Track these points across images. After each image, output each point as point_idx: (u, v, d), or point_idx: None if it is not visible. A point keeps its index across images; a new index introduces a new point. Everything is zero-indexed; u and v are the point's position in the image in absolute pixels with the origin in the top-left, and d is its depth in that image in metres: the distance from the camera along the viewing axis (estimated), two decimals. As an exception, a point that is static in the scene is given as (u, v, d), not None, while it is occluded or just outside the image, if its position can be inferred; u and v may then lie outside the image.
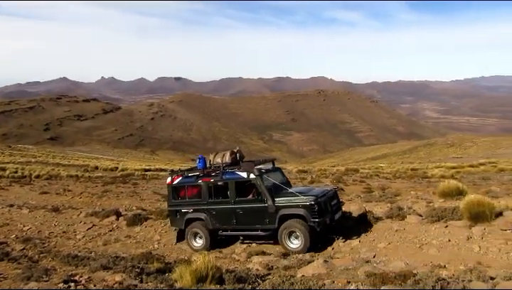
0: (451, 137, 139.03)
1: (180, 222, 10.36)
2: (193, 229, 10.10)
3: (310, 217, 8.63)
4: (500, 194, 14.76)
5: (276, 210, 8.98)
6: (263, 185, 9.18)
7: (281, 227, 8.93)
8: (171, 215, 10.78)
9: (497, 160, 38.55)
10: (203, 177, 10.03)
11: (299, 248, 8.66)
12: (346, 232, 9.38)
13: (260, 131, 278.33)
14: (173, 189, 10.53)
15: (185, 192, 10.43)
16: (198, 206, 10.11)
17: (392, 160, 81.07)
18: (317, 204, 8.67)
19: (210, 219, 9.87)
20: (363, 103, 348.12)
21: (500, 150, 75.01)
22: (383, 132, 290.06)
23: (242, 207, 9.45)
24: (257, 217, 9.28)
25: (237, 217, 9.53)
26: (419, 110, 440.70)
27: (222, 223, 9.82)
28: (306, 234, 8.59)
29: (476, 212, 8.54)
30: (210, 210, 9.88)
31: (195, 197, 10.23)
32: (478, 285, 5.22)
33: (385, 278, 5.71)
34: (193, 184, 10.25)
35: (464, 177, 24.48)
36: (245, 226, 9.58)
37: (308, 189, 10.31)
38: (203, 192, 9.99)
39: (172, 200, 10.57)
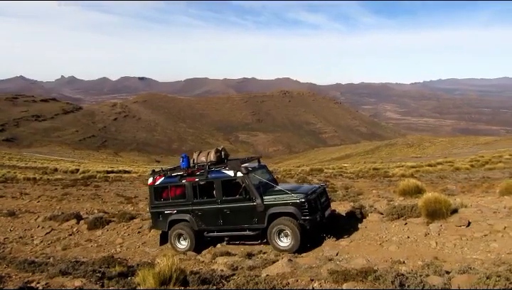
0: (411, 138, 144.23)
1: (164, 224, 10.00)
2: (177, 231, 9.76)
3: (300, 215, 8.48)
4: (455, 192, 15.43)
5: (265, 209, 8.78)
6: (251, 184, 8.95)
7: (270, 225, 8.73)
8: (153, 216, 10.32)
9: (453, 160, 40.27)
10: (187, 176, 9.69)
11: (289, 247, 8.50)
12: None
13: (226, 131, 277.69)
14: (155, 190, 10.12)
15: (168, 193, 10.07)
16: (182, 207, 9.77)
17: (355, 160, 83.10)
18: (307, 201, 8.52)
19: (195, 220, 9.58)
20: (327, 104, 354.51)
21: (456, 150, 78.61)
22: (347, 133, 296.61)
23: (229, 207, 9.20)
24: (245, 216, 9.05)
25: (223, 218, 9.29)
26: (381, 111, 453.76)
27: (208, 224, 9.54)
28: (297, 233, 8.41)
29: (433, 210, 8.90)
30: (196, 211, 9.59)
31: (179, 198, 9.91)
32: (435, 279, 5.43)
33: (347, 276, 5.82)
34: (176, 184, 9.92)
35: (423, 176, 25.38)
36: (233, 226, 9.30)
37: (297, 186, 10.07)
38: (187, 192, 9.67)
39: (154, 201, 10.13)
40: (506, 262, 6.18)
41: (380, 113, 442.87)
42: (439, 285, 5.14)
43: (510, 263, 6.17)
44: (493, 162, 32.78)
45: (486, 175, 22.71)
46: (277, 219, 8.69)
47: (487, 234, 7.82)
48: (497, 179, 19.46)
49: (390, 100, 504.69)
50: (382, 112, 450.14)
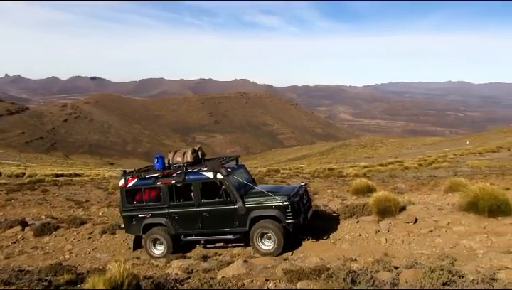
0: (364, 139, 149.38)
1: (137, 228, 9.50)
2: (152, 236, 9.29)
3: (284, 218, 8.27)
4: (404, 190, 16.10)
5: (247, 212, 8.51)
6: (232, 186, 8.64)
7: (252, 228, 8.47)
8: (125, 220, 9.73)
9: (403, 160, 42.08)
10: (163, 178, 9.21)
11: (272, 249, 8.27)
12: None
13: (183, 133, 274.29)
14: (128, 192, 9.56)
15: (141, 196, 9.50)
16: (157, 210, 9.29)
17: (311, 161, 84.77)
18: (291, 204, 8.30)
19: (171, 224, 9.14)
20: (283, 106, 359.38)
21: (406, 150, 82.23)
22: (303, 134, 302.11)
23: (209, 210, 8.82)
24: (225, 219, 8.73)
25: (203, 221, 8.91)
26: (336, 113, 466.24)
27: (186, 228, 9.12)
28: (280, 236, 8.21)
29: (383, 208, 9.25)
30: (172, 214, 9.15)
31: (154, 201, 9.40)
32: (384, 275, 5.63)
33: (301, 275, 5.91)
34: (151, 186, 9.35)
35: (375, 175, 26.33)
36: (212, 230, 8.93)
37: (278, 187, 9.79)
38: (162, 194, 9.18)
39: (126, 204, 9.56)
40: (449, 256, 6.53)
41: (334, 114, 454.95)
42: (388, 280, 5.33)
43: (453, 257, 6.52)
44: (439, 161, 34.62)
45: (433, 174, 23.91)
46: (260, 222, 8.45)
47: (432, 230, 8.23)
48: (442, 177, 20.55)
49: (344, 102, 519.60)
50: (336, 114, 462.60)
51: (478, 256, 6.45)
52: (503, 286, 4.55)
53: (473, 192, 8.86)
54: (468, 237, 7.60)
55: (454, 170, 26.03)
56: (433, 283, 4.77)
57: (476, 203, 8.66)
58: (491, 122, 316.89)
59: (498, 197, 8.63)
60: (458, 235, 7.84)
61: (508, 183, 16.33)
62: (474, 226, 8.22)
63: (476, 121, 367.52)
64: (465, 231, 8.00)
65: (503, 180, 17.85)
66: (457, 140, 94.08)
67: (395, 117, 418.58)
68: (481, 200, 8.56)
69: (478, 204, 8.63)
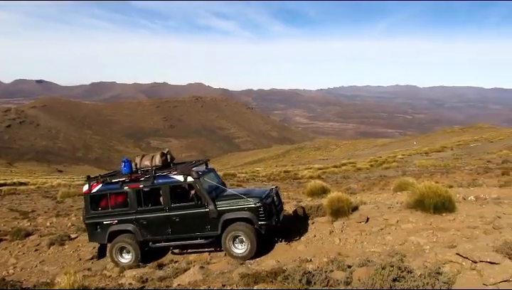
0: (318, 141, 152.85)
1: (102, 236, 9.06)
2: (118, 244, 8.90)
3: (257, 220, 8.16)
4: (357, 190, 16.63)
5: (218, 215, 8.33)
6: (203, 189, 8.46)
7: (224, 232, 8.30)
8: (89, 228, 9.26)
9: (355, 161, 43.38)
10: (130, 183, 8.88)
11: (245, 253, 8.13)
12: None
13: (137, 138, 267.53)
14: (92, 198, 9.13)
15: (107, 202, 9.11)
16: (124, 216, 8.91)
17: (267, 164, 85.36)
18: (263, 206, 8.21)
19: (139, 231, 8.78)
20: (239, 109, 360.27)
21: (358, 151, 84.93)
22: (259, 137, 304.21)
23: (179, 215, 8.55)
24: (196, 224, 8.51)
25: (172, 226, 8.62)
26: (291, 116, 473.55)
27: (155, 233, 8.79)
28: (253, 238, 8.09)
29: (337, 208, 9.48)
30: (140, 220, 8.79)
31: (121, 207, 9.03)
32: (338, 274, 5.78)
33: (258, 278, 5.94)
34: (117, 191, 9.00)
35: (329, 177, 26.97)
36: (183, 235, 8.67)
37: (249, 190, 9.63)
38: (130, 200, 8.85)
39: (90, 211, 9.13)
40: (399, 253, 6.80)
41: (289, 118, 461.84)
42: (342, 279, 5.48)
43: (402, 253, 6.80)
44: (389, 162, 36.04)
45: (383, 174, 24.84)
46: (232, 225, 8.31)
47: (383, 228, 8.54)
48: (392, 177, 21.38)
49: (298, 106, 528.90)
50: (291, 117, 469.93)
51: (425, 252, 6.77)
52: (448, 279, 4.79)
53: (420, 190, 9.30)
54: (416, 234, 7.95)
55: (403, 169, 27.18)
56: (384, 280, 4.95)
57: (422, 201, 9.09)
58: (436, 124, 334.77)
59: (442, 194, 9.11)
60: (406, 232, 8.18)
61: (451, 180, 17.28)
62: (421, 223, 8.62)
63: (423, 123, 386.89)
64: (413, 228, 8.37)
65: (447, 178, 18.86)
66: (406, 141, 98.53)
67: (348, 120, 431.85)
68: (426, 198, 9.00)
69: (424, 202, 9.06)
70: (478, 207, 9.62)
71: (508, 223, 7.65)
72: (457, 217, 8.78)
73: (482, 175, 18.38)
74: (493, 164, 24.34)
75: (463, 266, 5.22)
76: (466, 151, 42.63)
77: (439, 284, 4.71)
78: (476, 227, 7.86)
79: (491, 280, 4.54)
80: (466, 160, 30.26)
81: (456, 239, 7.18)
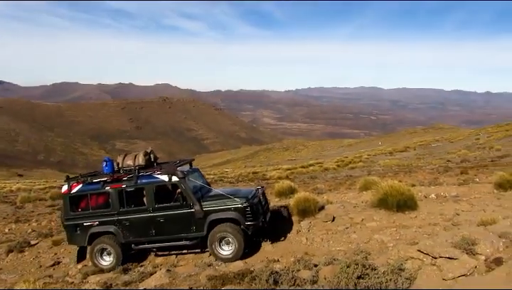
0: (287, 142, 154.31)
1: (82, 238, 8.73)
2: (99, 245, 8.59)
3: (244, 221, 8.00)
4: (324, 190, 16.85)
5: (204, 215, 8.14)
6: (188, 189, 8.27)
7: (211, 233, 8.11)
8: (68, 230, 8.92)
9: (323, 161, 44.11)
10: (112, 183, 8.59)
11: (231, 255, 7.95)
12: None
13: (102, 140, 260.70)
14: (71, 199, 8.79)
15: (87, 202, 8.78)
16: (105, 217, 8.61)
17: (236, 165, 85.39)
18: (250, 206, 8.08)
19: (121, 232, 8.51)
20: (207, 111, 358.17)
21: (325, 152, 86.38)
22: (227, 138, 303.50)
23: (164, 215, 8.31)
24: (181, 224, 8.29)
25: (156, 227, 8.38)
26: (259, 117, 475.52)
27: (138, 235, 8.53)
28: (240, 239, 7.92)
29: (303, 208, 9.61)
30: (122, 221, 8.51)
31: (102, 208, 8.75)
32: (305, 273, 5.83)
33: (225, 279, 5.92)
34: (98, 192, 8.71)
35: (297, 177, 27.23)
36: (167, 236, 8.42)
37: (236, 190, 9.41)
38: (112, 200, 8.56)
39: (70, 212, 8.79)
40: (363, 251, 6.96)
41: (258, 119, 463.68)
42: (309, 278, 5.53)
43: (367, 251, 6.97)
44: (355, 162, 36.84)
45: (349, 174, 25.35)
46: (218, 226, 8.14)
47: (348, 227, 8.72)
48: (357, 177, 21.85)
49: (266, 107, 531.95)
50: (260, 118, 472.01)
51: (389, 249, 6.96)
52: (409, 275, 4.94)
53: (384, 189, 9.57)
54: (380, 232, 8.17)
55: (368, 169, 27.84)
56: (349, 278, 5.04)
57: (386, 200, 9.35)
58: (399, 124, 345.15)
59: (404, 193, 9.41)
60: (371, 230, 8.39)
61: (414, 179, 17.83)
62: (385, 221, 8.86)
63: (387, 124, 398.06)
64: (377, 226, 8.59)
65: (410, 177, 19.46)
66: (371, 141, 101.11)
67: (315, 121, 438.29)
68: (390, 197, 9.27)
69: (387, 200, 9.33)
70: (438, 204, 10.00)
71: (466, 220, 7.99)
72: (419, 214, 9.09)
73: (442, 174, 19.07)
74: (452, 163, 25.32)
75: (424, 262, 5.38)
76: (427, 150, 44.23)
77: (401, 280, 4.83)
78: (436, 224, 8.16)
79: (450, 275, 4.70)
80: (427, 160, 31.36)
81: (417, 236, 7.42)
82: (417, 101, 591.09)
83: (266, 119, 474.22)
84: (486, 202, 9.82)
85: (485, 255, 5.19)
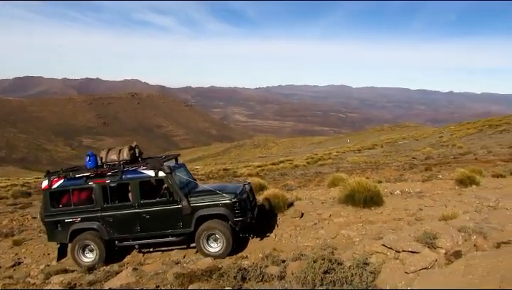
0: (257, 139, 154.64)
1: (63, 235, 8.46)
2: (81, 242, 8.34)
3: (232, 217, 7.93)
4: (293, 187, 17.01)
5: (192, 211, 8.01)
6: (175, 184, 8.10)
7: (198, 229, 7.98)
8: (48, 227, 8.62)
9: (293, 158, 44.48)
10: (95, 178, 8.34)
11: (220, 251, 7.84)
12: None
13: (67, 136, 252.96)
14: (52, 195, 8.49)
15: (69, 198, 8.48)
16: (88, 214, 8.36)
17: (206, 162, 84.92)
18: (239, 202, 8.00)
19: (105, 229, 8.29)
20: (177, 107, 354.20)
21: (295, 149, 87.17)
22: (198, 135, 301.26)
23: (149, 211, 8.14)
24: (168, 220, 8.13)
25: (142, 223, 8.18)
26: (230, 114, 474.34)
27: (123, 231, 8.32)
28: (229, 236, 7.82)
29: (273, 204, 9.66)
30: (106, 218, 8.29)
31: (85, 203, 8.48)
32: (273, 269, 5.88)
33: (193, 277, 5.86)
34: (81, 187, 8.43)
35: (267, 174, 27.36)
36: (153, 232, 8.26)
37: (223, 186, 9.23)
38: (95, 196, 8.32)
39: (50, 208, 8.49)
40: (331, 246, 7.08)
41: (229, 116, 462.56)
42: (276, 273, 5.58)
43: (334, 246, 7.09)
44: (324, 159, 37.38)
45: (318, 171, 25.70)
46: (206, 223, 8.02)
47: (316, 223, 8.84)
48: (326, 173, 22.19)
49: (237, 104, 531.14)
50: (231, 115, 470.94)
51: (355, 244, 7.11)
52: (374, 269, 5.06)
53: (351, 186, 9.76)
54: (347, 227, 8.33)
55: (337, 166, 28.33)
56: (315, 273, 5.11)
57: (353, 196, 9.55)
58: (367, 122, 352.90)
59: (371, 189, 9.64)
60: (338, 226, 8.54)
61: (380, 176, 18.29)
62: (352, 216, 9.05)
63: (356, 122, 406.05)
64: (344, 222, 8.75)
65: (376, 174, 19.93)
66: (340, 139, 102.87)
67: (285, 118, 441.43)
68: (357, 193, 9.47)
69: (355, 196, 9.53)
70: (403, 200, 10.30)
71: (429, 214, 8.26)
72: (384, 210, 9.33)
73: (408, 170, 19.64)
74: (417, 160, 26.13)
75: (388, 256, 5.52)
76: (394, 148, 45.43)
77: (366, 274, 4.95)
78: (400, 219, 8.40)
79: (412, 268, 4.85)
80: (394, 157, 32.22)
81: (382, 231, 7.62)
82: (384, 100, 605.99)
83: (237, 116, 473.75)
84: (448, 198, 10.20)
85: (445, 249, 5.38)
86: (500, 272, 4.17)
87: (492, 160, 20.25)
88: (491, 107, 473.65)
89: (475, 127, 52.18)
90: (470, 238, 5.52)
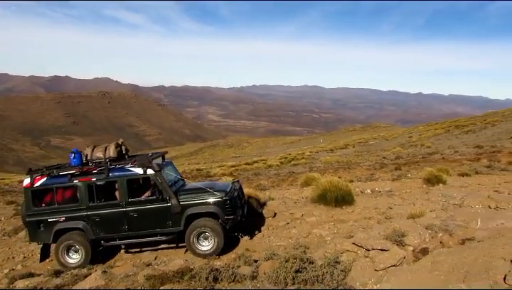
0: (231, 139, 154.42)
1: (47, 235, 8.13)
2: (66, 242, 8.02)
3: (223, 215, 7.80)
4: (267, 187, 17.08)
5: (182, 210, 7.85)
6: (165, 182, 7.91)
7: (188, 228, 7.81)
8: (30, 227, 8.26)
9: (266, 158, 44.67)
10: (81, 176, 8.03)
11: (211, 250, 7.69)
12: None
13: (35, 136, 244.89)
14: (34, 193, 8.13)
15: (53, 197, 8.14)
16: (73, 213, 8.06)
17: (180, 162, 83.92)
18: (229, 200, 7.89)
19: (91, 228, 8.02)
20: (150, 106, 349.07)
21: (269, 149, 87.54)
22: (171, 135, 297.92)
23: (138, 210, 7.93)
24: (157, 219, 7.94)
25: (129, 223, 7.96)
26: (203, 114, 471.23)
27: (110, 231, 8.08)
28: (220, 234, 7.69)
29: (246, 204, 9.62)
30: (92, 217, 8.02)
31: (69, 202, 8.16)
32: (245, 269, 5.87)
33: (164, 279, 5.79)
34: (65, 185, 8.11)
35: (241, 174, 27.36)
36: (141, 231, 8.04)
37: (212, 183, 9.06)
38: (80, 194, 8.03)
39: (32, 207, 8.14)
40: (303, 245, 7.14)
41: (202, 115, 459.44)
42: (248, 273, 5.57)
43: (306, 245, 7.15)
44: (298, 159, 37.72)
45: (292, 170, 25.90)
46: (197, 221, 7.87)
47: (289, 222, 8.90)
48: (299, 173, 22.39)
49: (211, 103, 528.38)
50: (204, 115, 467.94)
51: (327, 243, 7.20)
52: (344, 267, 5.13)
53: (323, 185, 9.88)
54: (319, 226, 8.42)
55: (310, 166, 28.63)
56: (287, 272, 5.14)
57: (325, 195, 9.67)
58: (340, 122, 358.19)
59: (342, 188, 9.78)
60: (310, 225, 8.62)
61: (352, 175, 18.60)
62: (324, 216, 9.15)
63: (329, 122, 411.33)
64: (316, 221, 8.85)
65: (348, 173, 20.26)
66: (313, 139, 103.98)
67: (259, 118, 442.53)
68: (329, 192, 9.59)
69: (327, 196, 9.65)
70: (373, 199, 10.50)
71: (398, 213, 8.46)
72: (355, 209, 9.48)
73: (378, 170, 20.06)
74: (388, 160, 26.73)
75: (358, 254, 5.63)
76: (365, 148, 46.33)
77: (337, 272, 5.02)
78: (371, 218, 8.56)
79: (381, 265, 4.95)
80: (365, 157, 32.86)
81: (353, 230, 7.74)
82: (356, 100, 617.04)
83: (210, 115, 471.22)
84: (416, 197, 10.48)
85: (413, 246, 5.53)
86: (464, 268, 4.31)
87: (458, 160, 20.95)
88: (457, 108, 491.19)
89: (442, 128, 53.89)
90: (436, 235, 5.69)
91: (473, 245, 4.90)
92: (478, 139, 34.89)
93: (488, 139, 33.57)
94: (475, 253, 4.55)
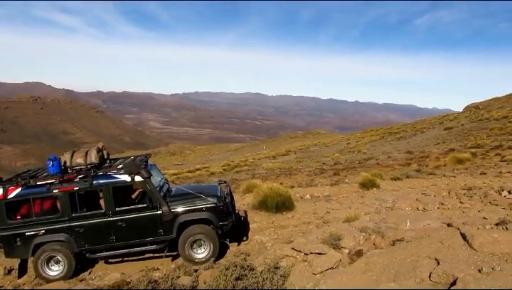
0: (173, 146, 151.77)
1: (25, 250, 7.43)
2: (46, 253, 7.35)
3: (217, 221, 7.47)
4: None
5: (174, 217, 7.38)
6: (154, 189, 7.42)
7: (182, 235, 7.40)
8: (5, 242, 7.44)
9: (209, 165, 44.38)
10: (61, 184, 7.30)
11: (207, 257, 7.33)
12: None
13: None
14: (8, 205, 7.38)
15: (30, 208, 7.42)
16: (53, 225, 7.38)
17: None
18: (223, 205, 7.58)
19: (75, 240, 7.38)
20: (87, 113, 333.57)
21: (212, 156, 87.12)
22: (110, 142, 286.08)
23: (126, 219, 7.36)
24: (147, 228, 7.43)
25: (117, 233, 7.39)
26: (145, 121, 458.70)
27: (96, 242, 7.46)
28: (216, 240, 7.40)
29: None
30: (75, 228, 7.38)
31: (49, 213, 7.46)
32: (185, 279, 5.77)
33: (99, 294, 5.53)
34: (43, 195, 7.39)
35: (183, 182, 26.88)
36: (130, 241, 7.48)
37: (199, 187, 8.54)
38: (61, 205, 7.36)
39: (7, 220, 7.37)
40: (244, 252, 7.19)
41: (143, 122, 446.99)
42: (188, 284, 5.49)
43: (247, 252, 7.21)
44: (241, 165, 37.88)
45: (235, 177, 25.92)
46: (190, 228, 7.48)
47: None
48: (242, 180, 22.46)
49: (152, 110, 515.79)
50: (145, 121, 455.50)
51: (267, 249, 7.28)
52: (284, 272, 5.21)
53: (264, 192, 10.00)
54: (260, 233, 8.50)
55: (253, 173, 28.85)
56: (227, 280, 5.13)
57: (265, 201, 9.79)
58: (282, 129, 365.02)
59: (283, 194, 9.96)
60: (252, 232, 8.68)
61: (293, 181, 19.00)
62: (265, 222, 9.25)
63: (271, 129, 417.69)
64: (257, 227, 8.92)
65: (290, 179, 20.67)
66: (256, 145, 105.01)
67: (202, 125, 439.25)
68: (269, 198, 9.72)
69: (267, 202, 9.78)
70: (312, 204, 10.80)
71: (335, 217, 8.75)
72: (295, 214, 9.69)
73: (318, 175, 20.67)
74: (327, 166, 27.63)
75: (297, 259, 5.74)
76: (306, 154, 47.60)
77: (277, 278, 5.09)
78: (310, 223, 8.78)
79: (319, 269, 5.09)
80: (306, 163, 33.74)
81: (293, 235, 7.89)
82: (297, 107, 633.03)
83: (152, 122, 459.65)
84: (352, 201, 10.93)
85: (348, 248, 5.75)
86: (395, 268, 4.55)
87: (391, 165, 22.19)
88: (390, 116, 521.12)
89: (377, 134, 56.85)
90: (370, 237, 5.96)
91: (403, 245, 5.19)
92: (408, 145, 37.19)
93: (417, 145, 35.89)
94: (404, 253, 4.83)
